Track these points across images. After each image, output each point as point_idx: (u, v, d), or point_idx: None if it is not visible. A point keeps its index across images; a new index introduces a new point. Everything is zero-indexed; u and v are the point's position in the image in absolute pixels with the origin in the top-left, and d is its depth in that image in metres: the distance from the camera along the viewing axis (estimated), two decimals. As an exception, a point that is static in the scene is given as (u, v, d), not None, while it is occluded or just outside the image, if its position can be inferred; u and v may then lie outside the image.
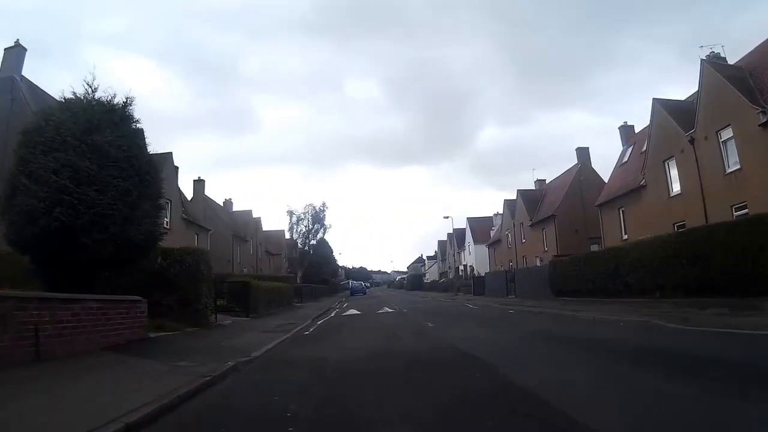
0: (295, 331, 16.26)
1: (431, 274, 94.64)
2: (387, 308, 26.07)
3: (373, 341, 12.34)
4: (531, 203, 51.08)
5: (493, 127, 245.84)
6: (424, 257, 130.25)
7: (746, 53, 23.66)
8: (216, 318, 17.72)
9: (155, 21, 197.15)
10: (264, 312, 23.30)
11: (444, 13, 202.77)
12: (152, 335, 12.26)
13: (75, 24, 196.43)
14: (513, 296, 32.10)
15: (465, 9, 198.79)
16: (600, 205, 35.46)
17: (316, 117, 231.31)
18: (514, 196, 55.06)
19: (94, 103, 11.61)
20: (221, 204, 58.99)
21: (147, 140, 12.63)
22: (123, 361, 8.70)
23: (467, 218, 75.32)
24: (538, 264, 41.88)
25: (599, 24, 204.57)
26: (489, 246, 66.81)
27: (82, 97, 11.54)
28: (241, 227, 56.29)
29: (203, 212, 47.93)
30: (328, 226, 64.06)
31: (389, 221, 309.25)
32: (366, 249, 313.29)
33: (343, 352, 10.33)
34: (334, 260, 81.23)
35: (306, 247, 63.15)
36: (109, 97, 11.79)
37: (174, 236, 36.35)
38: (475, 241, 71.16)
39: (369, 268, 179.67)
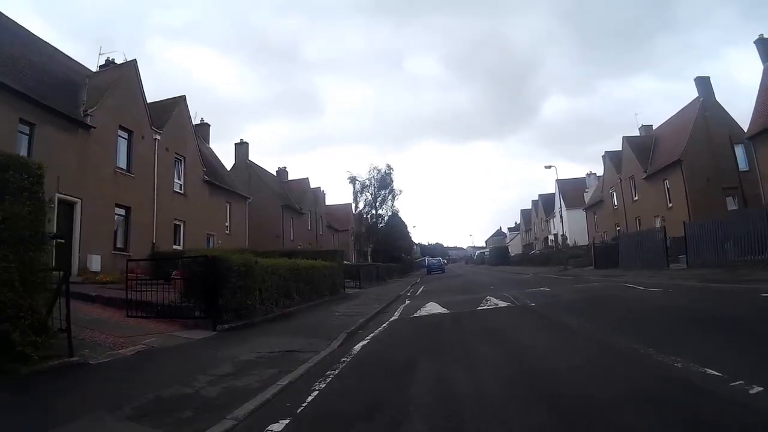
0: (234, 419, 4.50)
1: (514, 247, 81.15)
2: (493, 298, 13.75)
3: None
4: (642, 152, 38.11)
5: (558, 98, 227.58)
6: (504, 230, 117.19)
7: None
8: (71, 347, 6.40)
9: (216, 11, 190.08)
10: (270, 313, 11.95)
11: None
12: None
13: (138, 18, 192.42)
14: (683, 266, 19.25)
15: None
16: (753, 137, 25.47)
17: (381, 96, 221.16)
18: (576, 170, 42.14)
19: None
20: (274, 173, 48.83)
21: None
22: None
23: (556, 180, 61.62)
24: (658, 226, 29.06)
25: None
26: (586, 210, 53.26)
27: None
28: (295, 198, 45.86)
29: (247, 180, 38.65)
30: (398, 192, 51.85)
31: (462, 196, 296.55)
32: (440, 226, 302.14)
33: None
34: (408, 235, 69.18)
35: (373, 219, 51.41)
36: None
37: (191, 203, 25.91)
38: (567, 206, 57.68)
39: (444, 245, 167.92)
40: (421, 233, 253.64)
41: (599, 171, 55.87)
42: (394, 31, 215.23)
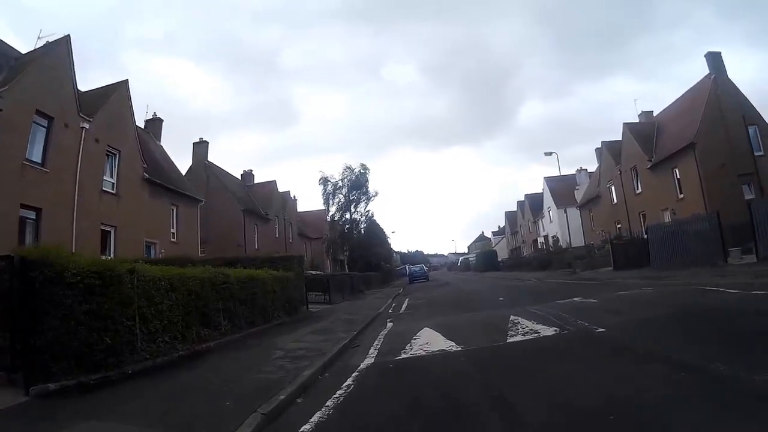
0: None
1: (500, 251, 76.10)
2: (522, 319, 8.63)
3: None
4: (644, 140, 33.81)
5: (536, 102, 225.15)
6: (488, 234, 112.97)
7: None
8: None
9: (193, 22, 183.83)
10: (165, 354, 7.26)
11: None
12: None
13: (114, 31, 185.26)
14: (745, 259, 14.83)
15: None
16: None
17: (359, 105, 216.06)
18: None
19: None
20: (239, 177, 43.87)
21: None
22: None
23: (545, 178, 57.47)
24: (668, 220, 26.07)
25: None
26: (581, 207, 48.88)
27: None
28: (261, 203, 40.92)
29: (204, 182, 34.22)
30: (373, 194, 46.74)
31: (442, 203, 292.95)
32: (420, 234, 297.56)
33: None
34: (387, 241, 64.14)
35: (347, 224, 46.33)
36: None
37: (126, 205, 21.71)
38: (558, 205, 53.33)
39: (425, 252, 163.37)
40: (401, 241, 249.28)
41: (590, 168, 52.09)
42: (371, 39, 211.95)
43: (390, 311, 15.94)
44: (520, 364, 5.58)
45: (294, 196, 54.48)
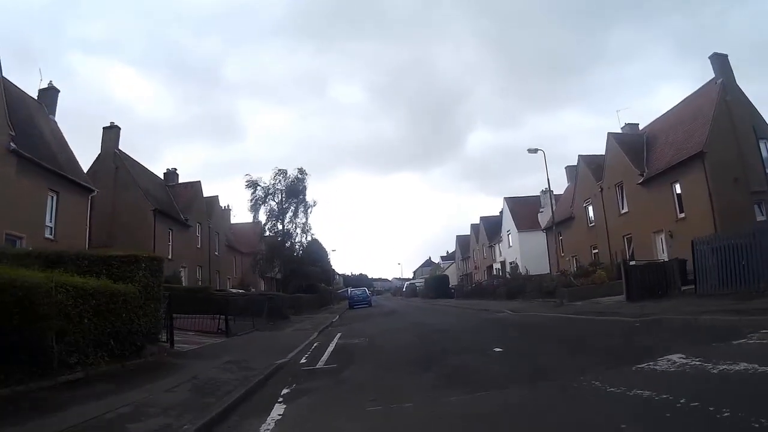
0: None
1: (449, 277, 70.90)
2: None
3: None
4: (633, 152, 28.85)
5: (484, 131, 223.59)
6: (436, 259, 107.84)
7: None
8: None
9: (136, 27, 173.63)
10: None
11: (427, 9, 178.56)
12: None
13: (57, 30, 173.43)
14: None
15: (450, 4, 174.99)
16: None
17: (302, 123, 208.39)
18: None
19: None
20: (161, 176, 37.00)
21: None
22: None
23: (505, 198, 52.34)
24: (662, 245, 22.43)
25: (590, 19, 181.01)
26: (547, 231, 43.43)
27: None
28: (182, 206, 34.28)
29: (112, 174, 29.12)
30: (311, 204, 40.28)
31: (387, 227, 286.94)
32: (364, 258, 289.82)
33: None
34: (327, 260, 57.44)
35: (279, 236, 39.33)
36: None
37: None
38: (519, 228, 48.12)
39: (369, 276, 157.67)
40: (345, 264, 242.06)
41: (555, 190, 47.26)
42: (315, 56, 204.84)
43: (303, 360, 9.32)
44: None
45: (228, 206, 48.09)
